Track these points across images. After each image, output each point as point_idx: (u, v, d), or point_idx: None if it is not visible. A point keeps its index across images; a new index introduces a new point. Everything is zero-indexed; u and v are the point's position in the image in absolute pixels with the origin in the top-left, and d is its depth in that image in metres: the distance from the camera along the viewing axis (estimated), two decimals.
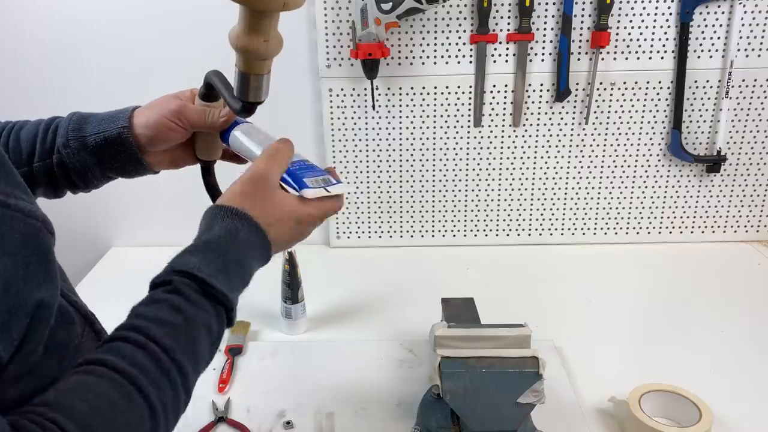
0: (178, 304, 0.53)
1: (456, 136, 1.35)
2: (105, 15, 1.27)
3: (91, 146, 0.72)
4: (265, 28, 0.58)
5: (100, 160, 0.72)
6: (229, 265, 0.57)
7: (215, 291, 0.55)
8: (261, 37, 0.58)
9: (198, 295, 0.55)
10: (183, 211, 0.79)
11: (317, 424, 0.88)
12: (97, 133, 0.72)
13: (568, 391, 0.93)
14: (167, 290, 0.54)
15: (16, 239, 0.44)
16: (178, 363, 0.50)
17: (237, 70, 0.62)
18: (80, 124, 0.73)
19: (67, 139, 0.72)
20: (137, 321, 0.52)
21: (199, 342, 0.53)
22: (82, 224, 1.43)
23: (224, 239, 0.58)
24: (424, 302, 1.05)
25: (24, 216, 0.45)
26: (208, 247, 0.58)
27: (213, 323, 0.55)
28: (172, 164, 0.78)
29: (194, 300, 0.54)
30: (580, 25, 1.26)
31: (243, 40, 0.58)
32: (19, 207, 0.45)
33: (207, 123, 0.72)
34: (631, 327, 1.12)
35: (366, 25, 1.18)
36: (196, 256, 0.57)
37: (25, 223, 0.45)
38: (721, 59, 1.28)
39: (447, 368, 0.77)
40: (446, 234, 1.43)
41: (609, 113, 1.33)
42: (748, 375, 0.97)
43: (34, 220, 0.46)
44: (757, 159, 1.36)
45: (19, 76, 1.31)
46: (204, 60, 1.28)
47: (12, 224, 0.44)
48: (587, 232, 1.43)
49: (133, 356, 0.48)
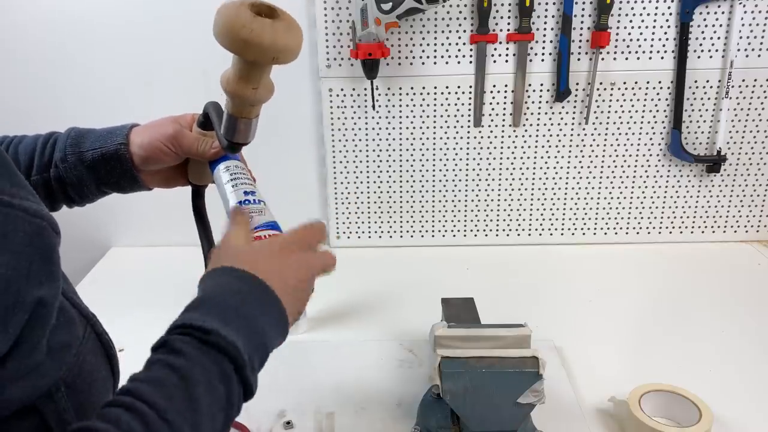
0: (172, 362, 0.49)
1: (456, 136, 1.35)
2: (105, 14, 1.27)
3: (89, 161, 0.74)
4: (256, 77, 0.60)
5: (96, 174, 0.74)
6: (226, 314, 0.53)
7: (214, 337, 0.51)
8: (251, 84, 0.60)
9: (194, 349, 0.50)
10: (183, 211, 0.79)
11: (317, 424, 0.88)
12: (95, 149, 0.74)
13: (568, 391, 0.93)
14: (163, 351, 0.51)
15: (21, 238, 0.44)
16: (171, 424, 0.46)
17: (226, 111, 0.63)
18: (78, 139, 0.75)
19: (65, 153, 0.73)
20: (130, 384, 0.49)
21: (197, 400, 0.48)
22: (82, 224, 1.43)
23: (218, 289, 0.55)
24: (424, 302, 1.04)
25: (29, 215, 0.46)
26: (204, 302, 0.54)
27: (213, 378, 0.50)
28: (165, 183, 0.80)
29: (190, 355, 0.50)
30: (580, 25, 1.26)
31: (233, 85, 0.60)
32: (23, 207, 0.45)
33: (198, 152, 0.75)
34: (631, 327, 1.12)
35: (366, 25, 1.18)
36: (195, 311, 0.53)
37: (30, 222, 0.45)
38: (721, 59, 1.28)
39: (447, 368, 0.77)
40: (446, 234, 1.43)
41: (609, 113, 1.33)
42: (748, 375, 0.97)
43: (39, 220, 0.46)
44: (757, 159, 1.36)
45: (20, 76, 1.31)
46: (204, 59, 1.28)
47: (16, 223, 0.44)
48: (587, 232, 1.43)
49: (119, 419, 0.45)
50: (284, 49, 0.57)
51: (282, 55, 0.57)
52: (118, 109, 1.33)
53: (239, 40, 0.55)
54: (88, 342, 0.57)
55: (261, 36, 0.55)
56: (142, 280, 1.30)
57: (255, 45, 0.55)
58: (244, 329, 0.53)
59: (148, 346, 0.52)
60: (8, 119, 1.35)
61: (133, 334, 0.97)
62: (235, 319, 0.53)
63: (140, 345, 0.54)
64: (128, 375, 0.50)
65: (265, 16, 0.56)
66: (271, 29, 0.56)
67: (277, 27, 0.56)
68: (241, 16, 0.55)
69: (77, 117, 1.32)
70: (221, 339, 0.51)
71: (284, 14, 0.58)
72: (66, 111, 1.34)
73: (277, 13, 0.58)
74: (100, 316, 0.62)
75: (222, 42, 0.56)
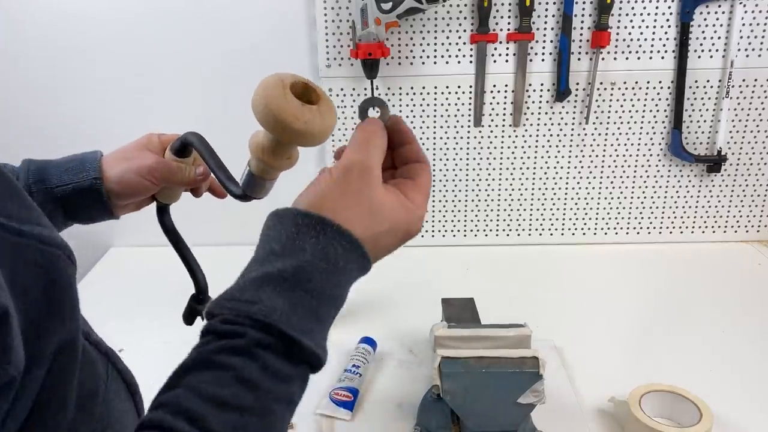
0: (249, 376, 0.38)
1: (456, 136, 1.34)
2: (105, 14, 1.27)
3: (59, 196, 0.68)
4: (291, 151, 0.57)
5: (66, 210, 0.69)
6: (321, 308, 0.42)
7: (307, 354, 0.40)
8: (285, 155, 0.57)
9: (281, 361, 0.40)
10: (182, 211, 0.78)
11: (317, 425, 0.88)
12: (65, 184, 0.68)
13: (569, 391, 0.93)
14: (235, 350, 0.39)
15: (34, 272, 0.38)
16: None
17: (249, 170, 0.61)
18: (41, 173, 0.68)
19: (30, 192, 0.67)
20: (186, 400, 0.37)
21: (274, 426, 0.39)
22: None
23: (318, 270, 0.42)
24: (424, 302, 1.04)
25: (41, 244, 0.39)
26: (298, 282, 0.41)
27: (296, 395, 0.41)
28: (135, 208, 0.76)
29: (275, 369, 0.39)
30: (581, 25, 1.26)
31: (268, 157, 0.56)
32: (35, 234, 0.39)
33: (181, 181, 0.71)
34: (632, 327, 1.12)
35: (366, 24, 1.18)
36: (280, 294, 0.41)
37: (42, 252, 0.39)
38: (721, 59, 1.28)
39: (447, 368, 0.77)
40: (446, 234, 1.43)
41: (609, 113, 1.32)
42: (748, 375, 0.97)
43: (54, 248, 0.40)
44: (758, 159, 1.36)
45: (20, 76, 1.31)
46: (205, 59, 1.28)
47: (27, 255, 0.38)
48: (587, 232, 1.43)
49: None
50: (328, 132, 0.53)
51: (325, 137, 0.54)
52: (119, 109, 1.33)
53: (291, 131, 0.50)
54: (112, 383, 0.51)
55: (313, 127, 0.51)
56: (141, 280, 1.30)
57: (308, 136, 0.51)
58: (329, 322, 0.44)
59: (148, 346, 0.51)
60: (8, 119, 1.35)
61: (133, 334, 0.97)
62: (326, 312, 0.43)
63: (140, 345, 0.54)
64: None
65: (302, 96, 0.52)
66: (320, 118, 0.51)
67: (323, 113, 0.52)
68: (290, 106, 0.50)
69: (77, 117, 1.33)
70: (313, 357, 0.41)
71: (320, 92, 0.54)
72: (66, 111, 1.33)
73: (314, 91, 0.54)
74: (99, 316, 0.61)
75: (268, 128, 0.52)
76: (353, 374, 0.95)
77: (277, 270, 0.41)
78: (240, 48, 1.27)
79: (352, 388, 0.92)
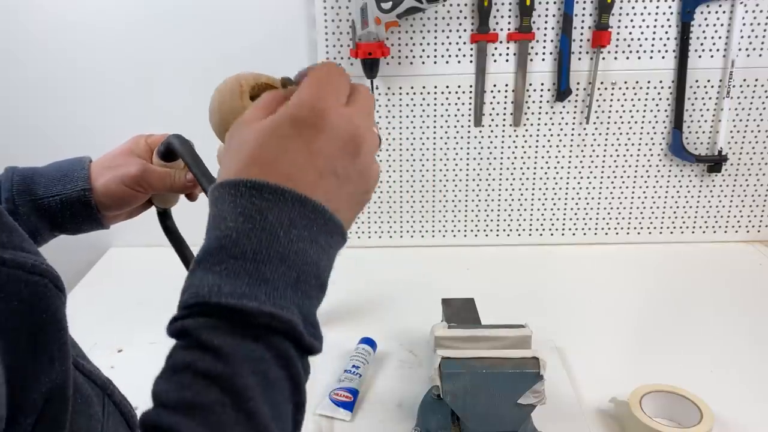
0: (205, 368, 0.35)
1: (456, 135, 1.34)
2: (105, 15, 1.27)
3: (45, 208, 0.65)
4: None
5: (53, 222, 0.66)
6: (264, 268, 0.37)
7: (256, 317, 0.36)
8: None
9: (229, 336, 0.36)
10: (182, 211, 0.78)
11: (317, 425, 0.88)
12: (52, 195, 0.65)
13: (569, 391, 0.93)
14: (186, 345, 0.37)
15: (16, 307, 0.35)
16: None
17: None
18: (27, 183, 0.65)
19: (14, 202, 0.64)
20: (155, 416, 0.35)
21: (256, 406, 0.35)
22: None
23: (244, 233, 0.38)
24: (424, 302, 1.04)
25: (25, 273, 0.35)
26: (224, 250, 0.37)
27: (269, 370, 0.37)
28: (127, 217, 0.74)
29: (226, 350, 0.35)
30: (581, 25, 1.26)
31: None
32: (17, 262, 0.35)
33: (170, 187, 0.69)
34: (632, 327, 1.11)
35: (366, 24, 1.18)
36: (209, 270, 0.37)
37: (26, 283, 0.35)
38: (722, 59, 1.28)
39: (447, 369, 0.77)
40: (446, 234, 1.43)
41: (610, 113, 1.32)
42: (749, 375, 0.97)
43: (39, 277, 0.36)
44: (759, 159, 1.36)
45: (21, 76, 1.31)
46: (205, 58, 1.28)
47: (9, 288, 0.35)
48: (587, 232, 1.42)
49: None
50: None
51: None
52: (119, 109, 1.33)
53: None
54: (109, 419, 0.46)
55: None
56: (141, 280, 1.29)
57: None
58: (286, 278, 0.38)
59: (147, 347, 0.50)
60: (9, 119, 1.35)
61: (132, 335, 0.97)
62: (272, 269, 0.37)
63: (139, 345, 0.54)
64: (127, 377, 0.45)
65: None
66: None
67: None
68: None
69: (77, 117, 1.33)
70: (266, 317, 0.36)
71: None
72: (66, 111, 1.33)
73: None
74: (98, 316, 0.61)
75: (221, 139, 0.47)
76: (353, 375, 0.95)
77: (203, 250, 0.39)
78: (239, 47, 1.26)
79: (351, 388, 0.92)
